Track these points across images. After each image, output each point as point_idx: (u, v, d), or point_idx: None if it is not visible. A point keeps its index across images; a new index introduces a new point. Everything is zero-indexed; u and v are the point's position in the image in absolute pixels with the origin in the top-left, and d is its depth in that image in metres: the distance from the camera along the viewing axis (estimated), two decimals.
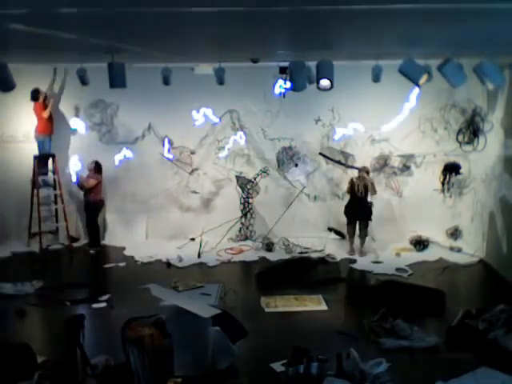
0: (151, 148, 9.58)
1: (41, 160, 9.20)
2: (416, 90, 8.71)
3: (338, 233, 9.42)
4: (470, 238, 9.11)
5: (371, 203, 8.77)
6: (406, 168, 9.42)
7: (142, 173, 9.65)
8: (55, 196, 9.39)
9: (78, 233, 9.68)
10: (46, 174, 9.30)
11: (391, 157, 9.43)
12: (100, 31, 4.58)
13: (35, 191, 9.10)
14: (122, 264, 8.54)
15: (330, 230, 9.46)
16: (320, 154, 9.47)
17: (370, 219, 8.83)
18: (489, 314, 5.89)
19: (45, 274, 7.92)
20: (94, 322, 6.11)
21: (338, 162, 9.43)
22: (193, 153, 9.61)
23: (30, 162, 9.25)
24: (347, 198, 8.98)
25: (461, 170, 9.04)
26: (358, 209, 8.74)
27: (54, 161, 9.25)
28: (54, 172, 9.28)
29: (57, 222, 9.47)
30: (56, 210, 9.44)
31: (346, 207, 8.90)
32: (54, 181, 9.34)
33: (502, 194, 7.99)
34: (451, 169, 9.02)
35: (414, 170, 9.43)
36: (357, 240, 8.91)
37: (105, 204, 9.45)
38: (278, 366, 5.11)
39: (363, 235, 8.85)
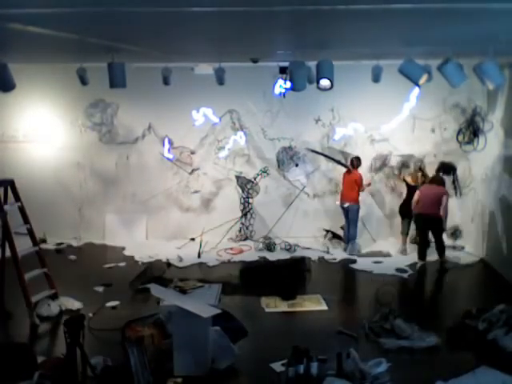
0: (151, 148, 9.58)
1: None
2: (416, 89, 8.71)
3: (335, 235, 9.39)
4: (470, 238, 9.11)
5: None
6: (405, 168, 9.42)
7: (142, 173, 9.66)
8: None
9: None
10: None
11: (391, 157, 9.44)
12: (100, 31, 4.59)
13: None
14: (122, 264, 8.55)
15: (327, 231, 9.43)
16: (307, 149, 9.46)
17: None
18: (489, 313, 5.88)
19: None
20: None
21: (327, 157, 9.39)
22: (193, 153, 9.61)
23: (30, 162, 9.32)
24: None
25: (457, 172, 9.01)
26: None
27: None
28: None
29: None
30: None
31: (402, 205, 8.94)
32: None
33: (502, 193, 7.99)
34: (446, 169, 8.96)
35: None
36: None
37: None
38: (278, 366, 5.11)
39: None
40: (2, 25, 3.87)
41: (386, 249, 9.09)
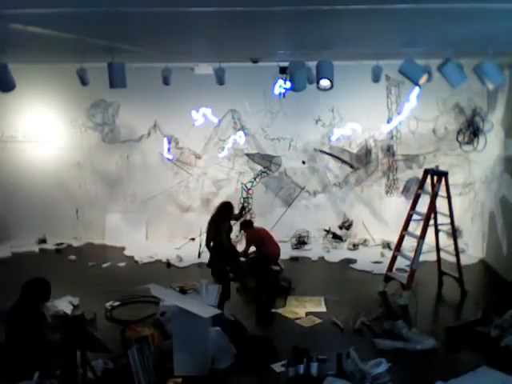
0: (152, 148, 9.59)
1: None
2: (416, 89, 8.72)
3: (335, 236, 9.40)
4: (470, 238, 9.10)
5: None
6: (406, 168, 9.43)
7: (143, 173, 9.66)
8: None
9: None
10: None
11: (390, 156, 9.43)
12: (100, 31, 4.59)
13: None
14: (122, 264, 8.55)
15: (327, 231, 9.44)
16: (315, 149, 9.47)
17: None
18: (501, 320, 5.75)
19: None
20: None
21: (335, 156, 9.40)
22: (199, 157, 9.61)
23: (30, 163, 9.35)
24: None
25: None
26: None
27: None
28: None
29: None
30: None
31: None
32: None
33: (502, 194, 7.99)
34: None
35: (414, 170, 9.43)
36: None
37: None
38: (277, 366, 5.11)
39: None
40: (2, 25, 3.87)
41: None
